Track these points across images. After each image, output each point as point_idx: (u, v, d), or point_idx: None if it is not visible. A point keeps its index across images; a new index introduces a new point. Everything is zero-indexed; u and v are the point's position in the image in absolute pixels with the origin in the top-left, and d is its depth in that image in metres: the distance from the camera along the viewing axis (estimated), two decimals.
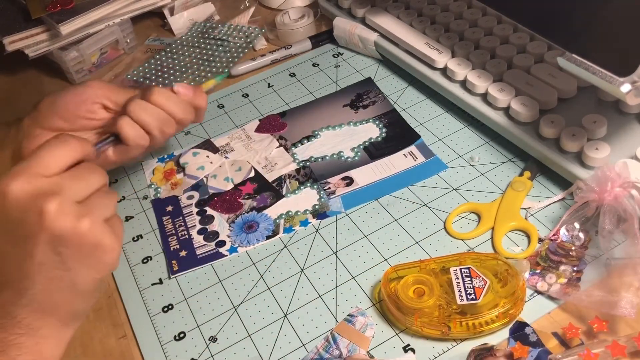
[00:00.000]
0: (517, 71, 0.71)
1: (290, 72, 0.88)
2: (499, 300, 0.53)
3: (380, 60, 0.86)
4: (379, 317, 0.57)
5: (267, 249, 0.65)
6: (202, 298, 0.62)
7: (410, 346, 0.54)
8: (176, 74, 0.89)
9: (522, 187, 0.64)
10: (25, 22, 0.91)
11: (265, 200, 0.70)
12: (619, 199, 0.55)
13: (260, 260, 0.64)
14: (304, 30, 0.92)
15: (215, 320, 0.60)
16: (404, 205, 0.66)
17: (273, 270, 0.63)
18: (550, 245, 0.58)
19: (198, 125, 0.82)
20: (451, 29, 0.79)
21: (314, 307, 0.59)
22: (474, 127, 0.73)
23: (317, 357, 0.55)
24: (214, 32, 0.95)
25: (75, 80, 0.94)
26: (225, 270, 0.64)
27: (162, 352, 0.58)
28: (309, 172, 0.72)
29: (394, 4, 0.86)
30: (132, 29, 0.98)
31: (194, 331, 0.59)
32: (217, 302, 0.61)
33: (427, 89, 0.79)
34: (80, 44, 0.92)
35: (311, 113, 0.80)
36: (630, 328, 0.52)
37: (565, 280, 0.55)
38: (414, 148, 0.72)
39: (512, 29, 0.76)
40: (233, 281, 0.63)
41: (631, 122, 0.65)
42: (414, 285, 0.56)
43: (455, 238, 0.62)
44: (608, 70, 0.53)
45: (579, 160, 0.62)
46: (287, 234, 0.66)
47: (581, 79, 0.59)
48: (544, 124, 0.64)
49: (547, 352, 0.51)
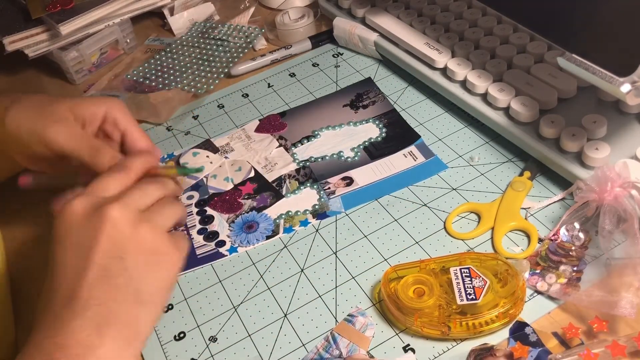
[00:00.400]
0: (517, 71, 0.71)
1: (290, 72, 0.88)
2: (499, 300, 0.53)
3: (380, 60, 0.86)
4: (379, 317, 0.57)
5: (267, 249, 0.65)
6: (202, 298, 0.62)
7: (410, 346, 0.54)
8: (176, 74, 0.89)
9: (522, 187, 0.64)
10: (25, 22, 0.91)
11: (265, 200, 0.70)
12: (619, 199, 0.55)
13: (260, 260, 0.64)
14: (304, 30, 0.92)
15: (215, 320, 0.60)
16: (404, 205, 0.66)
17: (273, 270, 0.63)
18: (550, 245, 0.58)
19: (198, 125, 0.82)
20: (451, 29, 0.79)
21: (314, 307, 0.59)
22: (474, 127, 0.73)
23: (317, 357, 0.55)
24: (214, 32, 0.95)
25: (75, 81, 0.94)
26: (225, 270, 0.64)
27: (162, 352, 0.58)
28: (308, 172, 0.72)
29: (394, 4, 0.86)
30: (132, 29, 0.98)
31: (194, 331, 0.59)
32: (217, 302, 0.61)
33: (427, 89, 0.79)
34: (80, 44, 0.92)
35: (311, 113, 0.80)
36: (630, 328, 0.52)
37: (565, 280, 0.55)
38: (414, 148, 0.72)
39: (512, 29, 0.76)
40: (233, 281, 0.63)
41: (631, 122, 0.65)
42: (414, 285, 0.56)
43: (455, 238, 0.62)
44: (608, 70, 0.53)
45: (579, 160, 0.62)
46: (287, 234, 0.66)
47: (581, 79, 0.59)
48: (544, 124, 0.64)
49: (547, 352, 0.51)
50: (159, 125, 0.84)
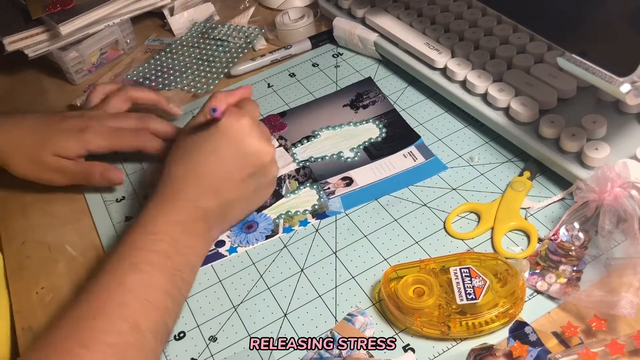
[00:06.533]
0: (517, 71, 0.71)
1: (290, 72, 0.88)
2: (498, 300, 0.53)
3: (380, 60, 0.86)
4: (379, 316, 0.57)
5: (266, 249, 0.65)
6: (202, 298, 0.62)
7: (410, 346, 0.54)
8: (176, 74, 0.90)
9: (522, 187, 0.64)
10: (25, 22, 0.91)
11: None
12: (619, 199, 0.55)
13: (259, 260, 0.64)
14: (304, 31, 0.92)
15: (215, 320, 0.60)
16: (403, 205, 0.66)
17: (273, 270, 0.63)
18: (550, 245, 0.58)
19: None
20: (451, 29, 0.79)
21: (313, 307, 0.59)
22: (473, 127, 0.73)
23: (317, 357, 0.55)
24: (213, 32, 0.95)
25: (75, 81, 0.94)
26: (225, 270, 0.64)
27: (162, 352, 0.58)
28: (308, 172, 0.72)
29: (394, 4, 0.86)
30: (132, 29, 0.98)
31: (194, 331, 0.59)
32: (217, 302, 0.61)
33: (427, 89, 0.79)
34: (80, 44, 0.92)
35: (311, 113, 0.80)
36: (629, 327, 0.52)
37: (565, 280, 0.55)
38: (414, 148, 0.72)
39: (512, 29, 0.76)
40: (233, 281, 0.63)
41: (631, 122, 0.65)
42: (414, 285, 0.56)
43: (455, 238, 0.62)
44: (608, 70, 0.53)
45: (578, 160, 0.62)
46: (286, 234, 0.66)
47: (581, 79, 0.59)
48: (544, 124, 0.64)
49: (547, 352, 0.51)
50: None
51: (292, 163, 0.74)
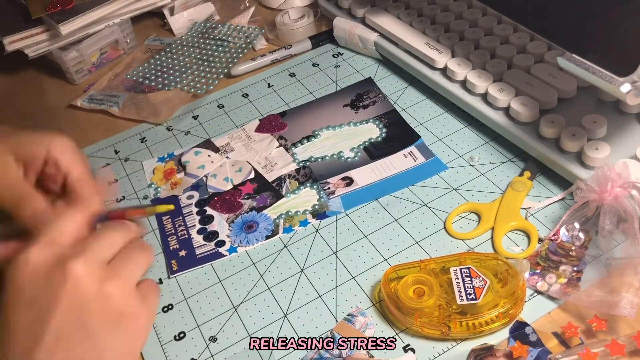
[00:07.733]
0: (517, 71, 0.71)
1: (290, 72, 0.88)
2: (499, 300, 0.53)
3: (380, 60, 0.86)
4: (379, 317, 0.57)
5: (266, 249, 0.65)
6: (202, 298, 0.62)
7: (410, 346, 0.54)
8: (176, 74, 0.89)
9: (522, 187, 0.64)
10: (25, 22, 0.91)
11: (265, 200, 0.70)
12: (619, 199, 0.55)
13: (260, 260, 0.64)
14: (304, 30, 0.92)
15: (215, 320, 0.60)
16: (404, 205, 0.66)
17: (273, 270, 0.63)
18: (550, 245, 0.58)
19: (198, 125, 0.82)
20: (451, 29, 0.79)
21: (314, 307, 0.59)
22: (474, 127, 0.73)
23: (317, 357, 0.55)
24: (213, 32, 0.95)
25: (75, 81, 0.94)
26: (225, 270, 0.64)
27: (162, 352, 0.58)
28: (308, 172, 0.72)
29: (394, 4, 0.86)
30: (132, 29, 0.98)
31: (194, 331, 0.59)
32: (217, 302, 0.61)
33: (427, 89, 0.79)
34: (80, 44, 0.92)
35: (311, 113, 0.80)
36: (630, 327, 0.52)
37: (565, 280, 0.55)
38: (414, 148, 0.72)
39: (512, 29, 0.76)
40: (233, 281, 0.63)
41: (631, 122, 0.65)
42: (414, 285, 0.56)
43: (455, 238, 0.62)
44: (608, 70, 0.53)
45: (579, 160, 0.62)
46: (286, 234, 0.66)
47: (581, 79, 0.59)
48: (544, 124, 0.64)
49: (547, 352, 0.51)
50: (159, 125, 0.84)
51: (292, 163, 0.74)
